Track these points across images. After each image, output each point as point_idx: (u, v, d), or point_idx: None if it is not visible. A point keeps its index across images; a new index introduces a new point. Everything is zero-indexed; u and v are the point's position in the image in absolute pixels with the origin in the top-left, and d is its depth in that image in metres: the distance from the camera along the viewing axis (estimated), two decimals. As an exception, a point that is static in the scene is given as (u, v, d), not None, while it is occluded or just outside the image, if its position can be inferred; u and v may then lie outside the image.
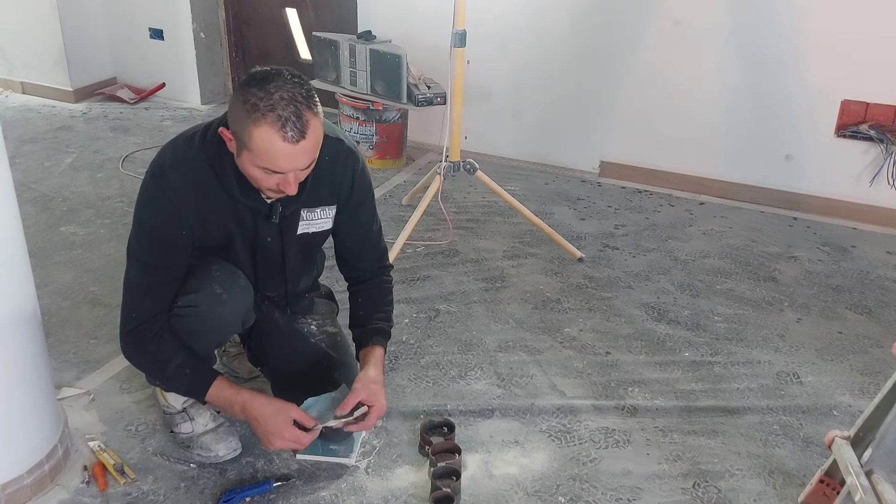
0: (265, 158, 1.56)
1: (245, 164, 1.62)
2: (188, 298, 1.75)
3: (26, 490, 1.78)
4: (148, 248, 1.75)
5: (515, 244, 3.16)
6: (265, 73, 1.57)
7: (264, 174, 1.60)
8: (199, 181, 1.70)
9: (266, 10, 4.60)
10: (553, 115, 3.89)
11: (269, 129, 1.53)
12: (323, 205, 1.86)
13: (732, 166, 3.64)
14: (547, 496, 1.89)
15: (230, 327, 1.86)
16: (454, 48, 2.78)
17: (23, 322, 1.74)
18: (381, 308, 2.02)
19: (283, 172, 1.60)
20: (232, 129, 1.61)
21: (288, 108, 1.53)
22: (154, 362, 1.81)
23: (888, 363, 2.44)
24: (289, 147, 1.55)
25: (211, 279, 1.76)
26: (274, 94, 1.53)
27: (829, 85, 3.35)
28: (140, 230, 1.75)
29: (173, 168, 1.70)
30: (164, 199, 1.70)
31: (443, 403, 2.20)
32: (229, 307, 1.78)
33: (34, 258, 1.85)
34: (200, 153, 1.70)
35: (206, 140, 1.70)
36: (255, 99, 1.53)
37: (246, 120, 1.54)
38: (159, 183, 1.70)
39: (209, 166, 1.70)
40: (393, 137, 3.85)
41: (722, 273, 2.99)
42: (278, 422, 1.77)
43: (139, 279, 1.77)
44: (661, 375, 2.37)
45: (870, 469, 1.56)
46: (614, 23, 3.61)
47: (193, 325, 1.77)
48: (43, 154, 3.89)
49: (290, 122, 1.53)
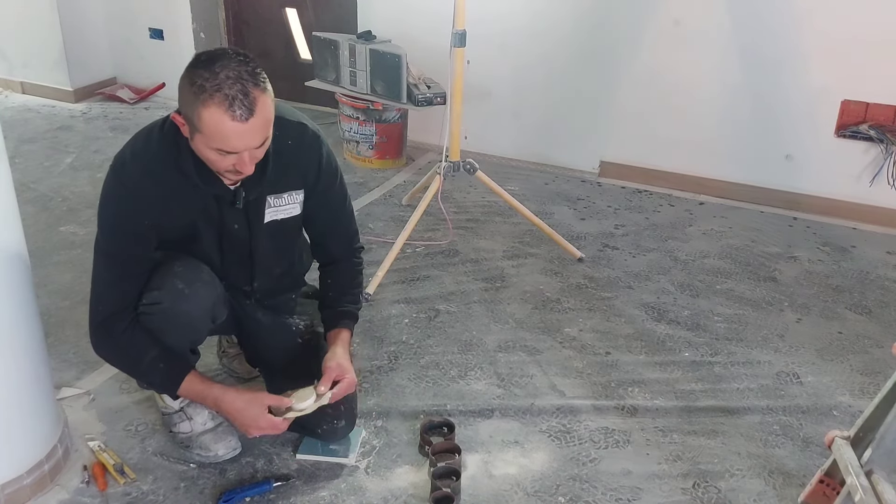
0: (217, 139, 1.56)
1: (199, 147, 1.61)
2: (151, 296, 1.75)
3: (26, 490, 1.78)
4: (112, 241, 1.74)
5: (515, 244, 3.16)
6: (210, 54, 1.57)
7: (219, 155, 1.60)
8: (159, 171, 1.70)
9: (266, 10, 4.60)
10: (553, 115, 3.89)
11: (218, 109, 1.52)
12: (290, 189, 1.85)
13: (732, 166, 3.64)
14: (547, 496, 1.89)
15: (197, 323, 1.83)
16: (454, 48, 2.78)
17: (23, 322, 1.74)
18: (350, 290, 2.02)
19: (236, 152, 1.59)
20: (183, 114, 1.60)
21: (234, 87, 1.53)
22: (126, 356, 1.81)
23: (888, 363, 2.44)
24: (239, 126, 1.54)
25: (172, 275, 1.75)
26: (220, 73, 1.53)
27: (829, 85, 3.35)
28: (103, 223, 1.74)
29: (133, 160, 1.70)
30: (125, 190, 1.69)
31: (443, 403, 2.20)
32: (193, 303, 1.77)
33: (34, 258, 1.85)
34: (158, 144, 1.70)
35: (164, 131, 1.71)
36: (201, 80, 1.53)
37: (194, 102, 1.54)
38: (119, 176, 1.70)
39: (168, 156, 1.69)
40: (393, 137, 3.84)
41: (722, 273, 2.99)
42: (252, 412, 1.77)
43: (105, 272, 1.76)
44: (661, 375, 2.37)
45: (870, 469, 1.56)
46: (614, 23, 3.61)
47: (159, 323, 1.76)
48: (42, 154, 3.89)
49: (237, 100, 1.53)
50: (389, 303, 2.68)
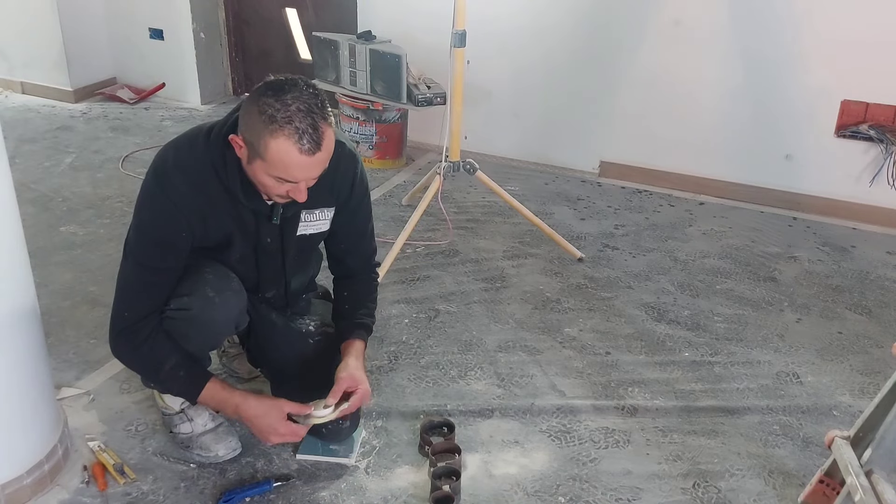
0: (280, 169, 1.58)
1: (257, 172, 1.62)
2: (180, 301, 1.75)
3: (26, 490, 1.78)
4: (146, 249, 1.74)
5: (515, 244, 3.16)
6: (281, 84, 1.57)
7: (276, 182, 1.62)
8: (202, 182, 1.70)
9: (266, 10, 4.60)
10: (553, 116, 3.89)
11: (287, 141, 1.54)
12: (322, 206, 1.86)
13: (732, 166, 3.64)
14: (547, 496, 1.89)
15: (222, 330, 1.87)
16: (454, 48, 2.78)
17: (23, 322, 1.74)
18: (366, 304, 2.03)
19: (296, 182, 1.62)
20: (245, 138, 1.61)
21: (305, 120, 1.54)
22: (148, 363, 1.81)
23: (888, 363, 2.44)
24: (305, 159, 1.56)
25: (203, 282, 1.76)
26: (291, 105, 1.53)
27: (829, 85, 3.35)
28: (140, 230, 1.75)
29: (177, 169, 1.70)
30: (166, 200, 1.70)
31: (443, 403, 2.20)
32: (221, 311, 1.78)
33: (34, 258, 1.85)
34: (204, 156, 1.70)
35: (210, 142, 1.70)
36: (271, 110, 1.53)
37: (262, 131, 1.54)
38: (162, 184, 1.71)
39: (212, 168, 1.70)
40: (393, 137, 3.84)
41: (722, 273, 2.99)
42: (271, 419, 1.79)
43: (134, 278, 1.76)
44: (661, 375, 2.37)
45: (870, 469, 1.56)
46: (614, 23, 3.61)
47: (185, 328, 1.77)
48: (43, 154, 3.89)
49: (307, 134, 1.54)
50: (389, 303, 2.68)
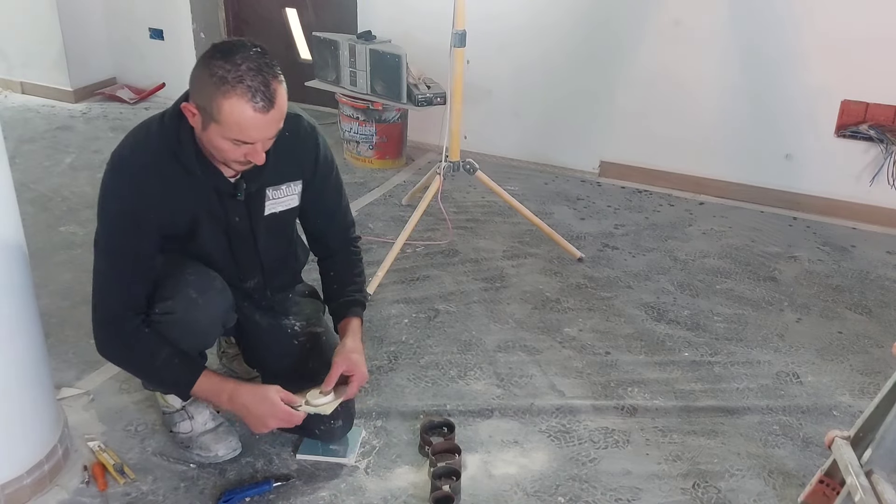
0: (236, 130, 1.57)
1: (213, 137, 1.60)
2: (164, 305, 1.74)
3: (26, 490, 1.78)
4: (114, 234, 1.72)
5: (515, 244, 3.16)
6: (229, 45, 1.58)
7: (233, 145, 1.61)
8: (160, 164, 1.69)
9: (266, 10, 4.60)
10: (553, 115, 3.89)
11: (240, 101, 1.53)
12: (287, 181, 1.84)
13: (732, 166, 3.64)
14: (546, 496, 1.89)
15: (209, 331, 1.85)
16: (454, 48, 2.78)
17: (23, 322, 1.74)
18: (353, 280, 2.02)
19: (252, 143, 1.61)
20: (197, 104, 1.59)
21: (256, 79, 1.54)
22: (137, 356, 1.78)
23: (888, 363, 2.44)
24: (260, 117, 1.56)
25: (185, 283, 1.75)
26: (241, 65, 1.54)
27: (829, 85, 3.35)
28: (107, 220, 1.72)
29: (133, 153, 1.70)
30: (127, 185, 1.68)
31: (442, 403, 2.20)
32: (205, 312, 1.77)
33: (34, 258, 1.85)
34: (158, 139, 1.69)
35: (164, 124, 1.69)
36: (221, 72, 1.53)
37: (214, 93, 1.54)
38: (120, 171, 1.69)
39: (168, 150, 1.69)
40: (393, 137, 3.84)
41: (722, 273, 2.99)
42: (268, 403, 1.77)
43: (110, 270, 1.74)
44: (660, 375, 2.37)
45: (870, 469, 1.56)
46: (614, 22, 3.61)
47: (172, 332, 1.75)
48: (42, 154, 3.89)
49: (259, 92, 1.54)
50: (389, 303, 2.68)
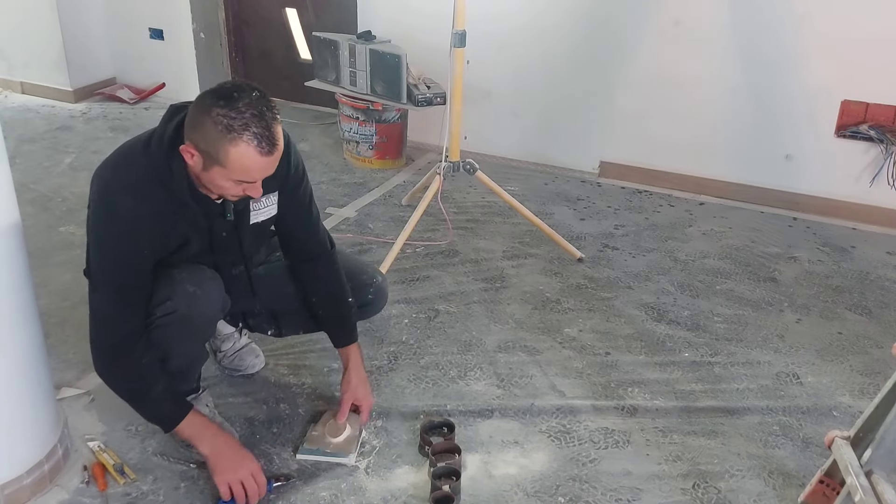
0: (241, 172, 1.63)
1: (214, 178, 1.65)
2: (165, 307, 1.75)
3: (26, 490, 1.78)
4: (116, 273, 1.73)
5: (515, 244, 3.16)
6: (230, 91, 1.61)
7: (234, 184, 1.66)
8: (150, 198, 1.70)
9: (266, 10, 4.60)
10: (553, 116, 3.89)
11: (247, 147, 1.59)
12: (267, 192, 1.87)
13: (732, 166, 3.64)
14: (547, 496, 1.89)
15: (213, 318, 1.89)
16: (454, 48, 2.78)
17: (23, 322, 1.74)
18: (345, 292, 2.06)
19: (254, 181, 1.67)
20: (199, 148, 1.62)
21: (260, 124, 1.59)
22: (141, 387, 1.80)
23: (888, 363, 2.44)
24: (264, 160, 1.62)
25: (179, 282, 1.77)
26: (245, 112, 1.58)
27: (829, 85, 3.35)
28: (103, 257, 1.73)
29: (123, 190, 1.69)
30: (121, 223, 1.69)
31: (442, 403, 2.20)
32: (206, 302, 1.80)
33: (34, 258, 1.85)
34: (147, 170, 1.69)
35: (151, 154, 1.69)
36: (227, 119, 1.57)
37: (220, 140, 1.59)
38: (112, 209, 1.69)
39: (157, 181, 1.70)
40: (393, 137, 3.84)
41: (722, 273, 2.99)
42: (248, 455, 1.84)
43: (111, 306, 1.74)
44: (660, 376, 2.37)
45: (870, 469, 1.56)
46: (614, 22, 3.61)
47: (178, 330, 1.77)
48: (42, 154, 3.89)
49: (264, 137, 1.60)
50: (389, 303, 2.66)
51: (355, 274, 2.12)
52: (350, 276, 2.09)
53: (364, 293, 2.13)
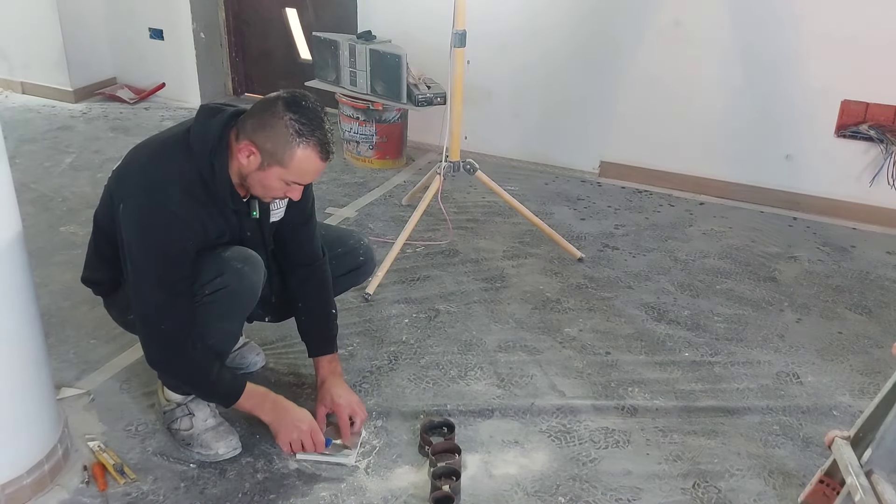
0: (298, 175, 1.76)
1: (268, 176, 1.76)
2: (214, 284, 1.80)
3: (26, 490, 1.78)
4: (163, 265, 1.77)
5: (515, 244, 3.16)
6: (297, 101, 1.74)
7: (283, 185, 1.78)
8: (194, 191, 1.78)
9: (266, 10, 4.60)
10: (553, 116, 3.89)
11: (313, 151, 1.74)
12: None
13: (732, 166, 3.64)
14: (547, 496, 1.89)
15: (257, 294, 1.93)
16: (454, 48, 2.78)
17: (23, 322, 1.74)
18: (330, 302, 2.12)
19: (303, 184, 1.81)
20: (263, 148, 1.73)
21: (324, 132, 1.75)
22: (197, 371, 1.86)
23: (888, 363, 2.44)
24: (322, 165, 1.78)
25: (227, 260, 1.83)
26: (313, 119, 1.73)
27: (829, 85, 3.35)
28: (148, 249, 1.76)
29: (168, 182, 1.76)
30: (168, 212, 1.74)
31: (443, 403, 2.20)
32: (254, 275, 1.86)
33: (34, 258, 1.85)
34: (190, 166, 1.78)
35: (195, 154, 1.78)
36: (298, 125, 1.71)
37: (290, 143, 1.71)
38: (158, 198, 1.75)
39: (200, 178, 1.78)
40: (393, 137, 3.85)
41: (722, 273, 2.99)
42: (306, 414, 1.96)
43: (162, 298, 1.78)
44: (661, 375, 2.37)
45: (870, 469, 1.56)
46: (615, 22, 3.61)
47: (225, 306, 1.83)
48: (43, 154, 3.89)
49: (328, 144, 1.76)
50: (389, 303, 2.68)
51: (343, 239, 2.21)
52: (338, 241, 2.18)
53: (355, 255, 2.21)
